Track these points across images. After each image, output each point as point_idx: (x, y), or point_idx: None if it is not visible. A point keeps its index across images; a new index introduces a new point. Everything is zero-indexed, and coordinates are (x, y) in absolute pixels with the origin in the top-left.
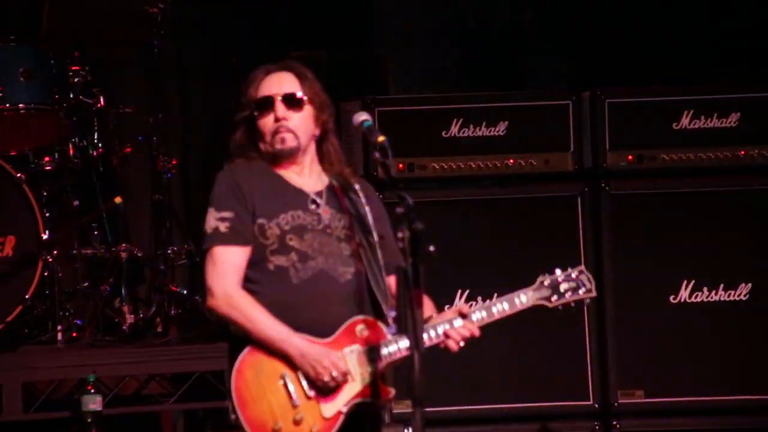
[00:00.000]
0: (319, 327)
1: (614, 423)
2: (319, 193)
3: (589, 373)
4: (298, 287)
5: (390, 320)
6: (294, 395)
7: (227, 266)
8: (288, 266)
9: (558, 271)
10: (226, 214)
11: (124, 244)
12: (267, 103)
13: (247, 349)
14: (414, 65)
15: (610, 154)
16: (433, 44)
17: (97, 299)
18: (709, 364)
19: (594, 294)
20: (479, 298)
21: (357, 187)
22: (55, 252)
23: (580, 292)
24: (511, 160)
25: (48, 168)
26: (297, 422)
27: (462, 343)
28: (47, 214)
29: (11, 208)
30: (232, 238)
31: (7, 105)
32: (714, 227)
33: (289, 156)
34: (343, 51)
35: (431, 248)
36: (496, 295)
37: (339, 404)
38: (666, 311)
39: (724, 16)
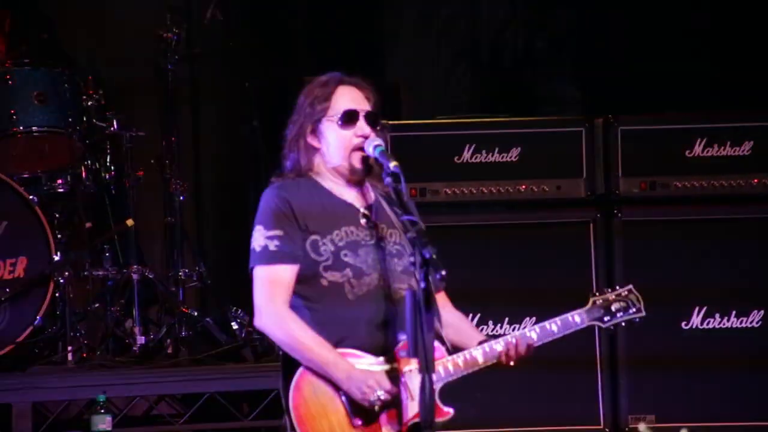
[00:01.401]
0: (374, 345)
1: None
2: (369, 208)
3: (600, 398)
4: (354, 303)
5: (400, 344)
6: (353, 414)
7: (276, 285)
8: (343, 282)
9: (608, 291)
10: (276, 233)
11: (135, 266)
12: (351, 118)
13: (303, 366)
14: (426, 91)
15: (622, 181)
16: (446, 70)
17: (107, 320)
18: (720, 390)
19: (643, 313)
20: (490, 322)
21: (407, 202)
22: (66, 273)
23: (631, 311)
24: (524, 186)
25: (60, 190)
26: None
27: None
28: (59, 236)
29: (24, 230)
30: (281, 256)
31: (21, 128)
32: (726, 254)
33: (358, 174)
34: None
35: (443, 273)
36: (507, 320)
37: (397, 425)
38: (678, 337)
39: (739, 44)
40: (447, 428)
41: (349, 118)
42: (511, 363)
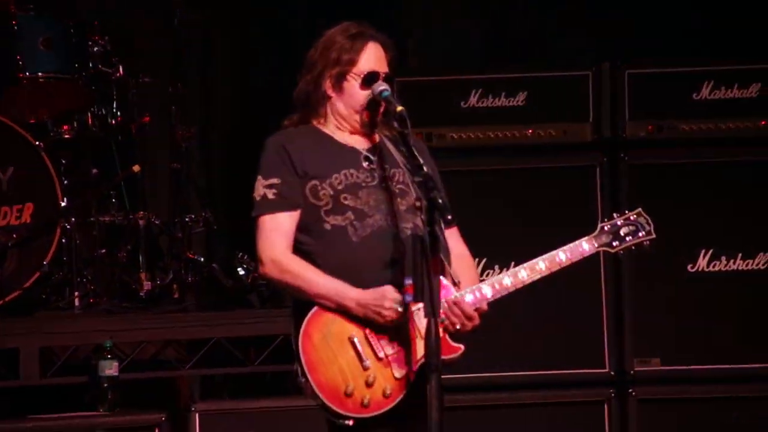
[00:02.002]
0: (382, 284)
1: (630, 391)
2: (371, 150)
3: (605, 341)
4: (359, 245)
5: (406, 287)
6: (364, 357)
7: (276, 233)
8: (345, 225)
9: (616, 215)
10: (273, 181)
11: (141, 212)
12: (373, 79)
13: (312, 311)
14: (436, 42)
15: (629, 125)
16: (456, 21)
17: (114, 266)
18: (725, 333)
19: (654, 236)
20: (496, 267)
21: (413, 146)
22: (73, 219)
23: (640, 234)
24: (530, 131)
25: (67, 136)
26: (369, 384)
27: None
28: (66, 182)
29: (30, 176)
30: (279, 204)
31: (27, 73)
32: (733, 198)
33: (368, 128)
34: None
35: (449, 216)
36: (513, 264)
37: (409, 364)
38: (684, 280)
39: None
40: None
41: (371, 80)
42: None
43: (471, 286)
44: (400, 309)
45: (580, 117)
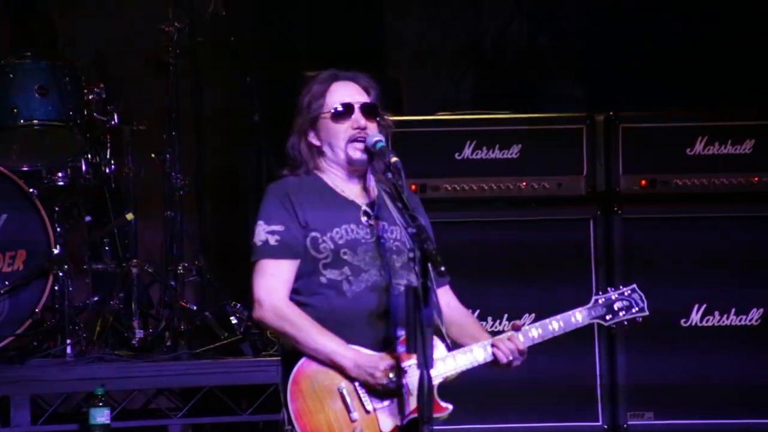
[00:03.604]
0: (373, 339)
1: None
2: (371, 204)
3: (599, 394)
4: (352, 300)
5: (398, 339)
6: (352, 408)
7: (276, 279)
8: (341, 280)
9: (611, 290)
10: (276, 228)
11: (134, 260)
12: (346, 111)
13: (302, 360)
14: (429, 88)
15: (623, 178)
16: (449, 68)
17: (106, 314)
18: (719, 387)
19: (646, 312)
20: (489, 318)
21: (406, 198)
22: (65, 266)
23: (633, 310)
24: (524, 183)
25: (60, 183)
26: None
27: (511, 358)
28: (59, 230)
29: (23, 223)
30: (281, 251)
31: (22, 121)
32: (726, 252)
33: (360, 166)
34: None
35: (442, 268)
36: (506, 316)
37: (397, 418)
38: (677, 334)
39: (741, 43)
40: (444, 424)
41: (343, 112)
42: (510, 362)
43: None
44: (392, 377)
45: (575, 170)
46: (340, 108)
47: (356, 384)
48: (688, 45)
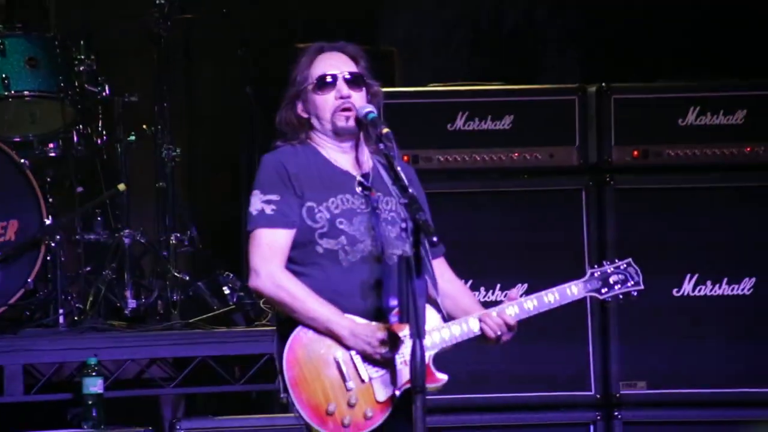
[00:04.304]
0: (368, 310)
1: (616, 414)
2: (365, 176)
3: (591, 364)
4: (347, 270)
5: (392, 309)
6: (347, 377)
7: (272, 248)
8: (337, 249)
9: (606, 263)
10: (272, 197)
11: (126, 231)
12: (330, 81)
13: (298, 329)
14: (424, 59)
15: (615, 149)
16: (444, 38)
17: (99, 284)
18: (711, 357)
19: (642, 287)
20: (482, 289)
21: (399, 169)
22: (58, 237)
23: (629, 284)
24: (516, 154)
25: (52, 155)
26: (351, 405)
27: (499, 333)
28: (50, 200)
29: (14, 194)
30: (277, 220)
31: (13, 92)
32: (718, 222)
33: (348, 135)
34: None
35: (434, 239)
36: (499, 286)
37: (392, 388)
38: (669, 304)
39: (733, 13)
40: (438, 394)
41: (326, 83)
42: (499, 338)
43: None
44: (389, 347)
45: (567, 141)
46: (327, 79)
47: (352, 353)
48: (680, 16)
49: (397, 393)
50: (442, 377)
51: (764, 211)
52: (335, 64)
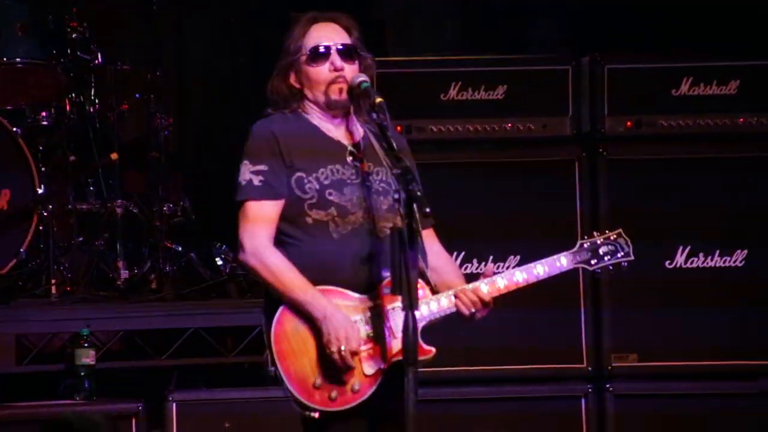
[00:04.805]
0: (358, 282)
1: (607, 386)
2: (356, 145)
3: (583, 337)
4: (338, 242)
5: (383, 280)
6: None
7: (259, 222)
8: (327, 221)
9: (596, 234)
10: (261, 167)
11: (119, 200)
12: (324, 52)
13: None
14: (414, 30)
15: (608, 120)
16: (433, 9)
17: (91, 254)
18: (703, 330)
19: (632, 257)
20: (474, 260)
21: (389, 134)
22: (50, 206)
23: (619, 255)
24: (509, 124)
25: (44, 123)
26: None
27: (473, 310)
28: (43, 169)
29: (6, 162)
30: (265, 192)
31: (4, 59)
32: (711, 194)
33: (341, 107)
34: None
35: (427, 210)
36: (491, 258)
37: (380, 362)
38: (661, 276)
39: None
40: (430, 366)
41: (320, 54)
42: (473, 315)
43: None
44: (342, 350)
45: (560, 111)
46: (320, 50)
47: None
48: None
49: (385, 366)
50: (431, 349)
51: (757, 182)
52: (328, 35)
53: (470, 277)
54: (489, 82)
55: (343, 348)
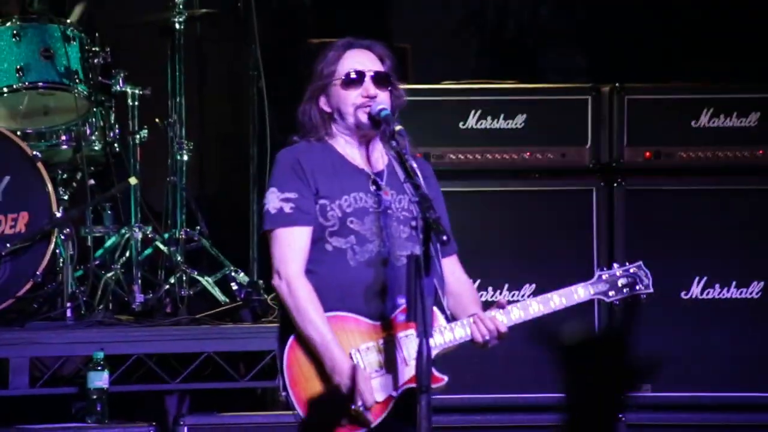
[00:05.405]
0: (373, 309)
1: (621, 417)
2: (379, 174)
3: None
4: (355, 269)
5: (398, 307)
6: None
7: (292, 249)
8: (346, 248)
9: (616, 266)
10: (290, 195)
11: (136, 224)
12: (357, 78)
13: None
14: (433, 57)
15: (627, 150)
16: (453, 36)
17: (107, 278)
18: (718, 361)
19: (651, 290)
20: (489, 288)
21: (415, 166)
22: (67, 230)
23: (638, 287)
24: (528, 153)
25: (64, 147)
26: None
27: (487, 338)
28: (61, 193)
29: (26, 186)
30: (297, 219)
31: (27, 83)
32: (728, 226)
33: (366, 131)
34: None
35: (444, 237)
36: (507, 286)
37: (391, 389)
38: (677, 307)
39: (749, 14)
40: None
41: (353, 80)
42: (486, 342)
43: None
44: (354, 406)
45: (579, 141)
46: (353, 75)
47: (352, 351)
48: (693, 16)
49: (395, 394)
50: (443, 377)
51: None
52: (363, 61)
53: (484, 305)
54: (509, 111)
55: (359, 405)
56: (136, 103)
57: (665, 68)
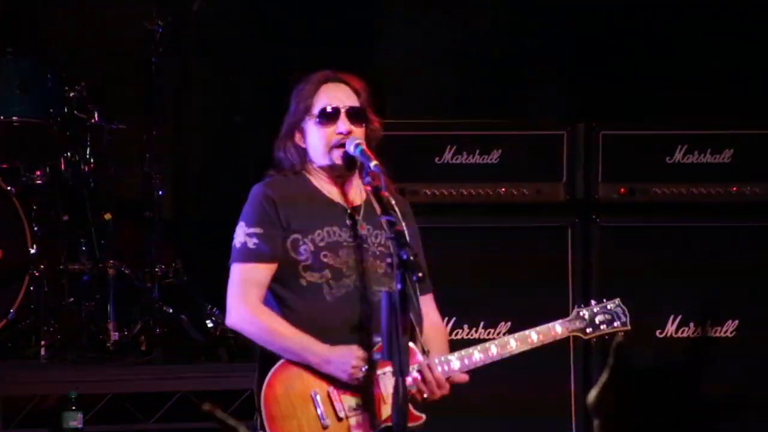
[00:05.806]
0: (350, 346)
1: None
2: (356, 208)
3: (573, 401)
4: (331, 305)
5: (374, 345)
6: (324, 415)
7: (248, 284)
8: (322, 283)
9: (593, 302)
10: (255, 230)
11: (111, 261)
12: (332, 113)
13: (278, 364)
14: (412, 91)
15: (602, 186)
16: (432, 70)
17: (82, 316)
18: (694, 399)
19: (629, 327)
20: (465, 326)
21: (393, 202)
22: (42, 266)
23: (615, 324)
24: (503, 189)
25: (39, 182)
26: None
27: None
28: (36, 229)
29: (0, 221)
30: (257, 255)
31: (1, 117)
32: (703, 263)
33: (341, 172)
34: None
35: (419, 274)
36: (482, 324)
37: (368, 428)
38: (652, 345)
39: (722, 53)
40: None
41: (328, 116)
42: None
43: (439, 357)
44: (365, 369)
45: (554, 177)
46: (328, 110)
47: (330, 389)
48: (669, 53)
49: (376, 431)
50: (421, 416)
51: (750, 252)
52: (338, 96)
53: (460, 343)
54: (484, 146)
55: (364, 368)
56: (111, 137)
57: (640, 104)
